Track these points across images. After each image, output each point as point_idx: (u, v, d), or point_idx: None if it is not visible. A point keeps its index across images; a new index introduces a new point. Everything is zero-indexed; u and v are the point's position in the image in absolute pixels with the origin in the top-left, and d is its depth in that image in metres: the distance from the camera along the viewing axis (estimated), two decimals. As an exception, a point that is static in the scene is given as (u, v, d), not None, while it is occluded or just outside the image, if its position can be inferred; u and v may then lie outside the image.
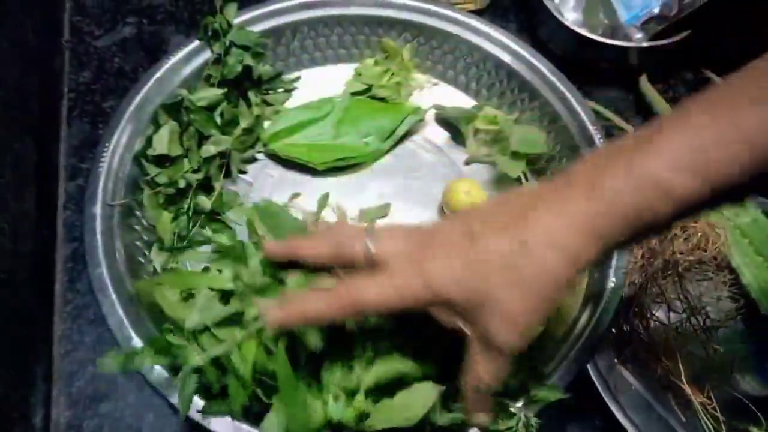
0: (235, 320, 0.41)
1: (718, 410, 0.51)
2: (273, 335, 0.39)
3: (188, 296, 0.43)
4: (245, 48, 0.62)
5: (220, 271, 0.43)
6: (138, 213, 0.57)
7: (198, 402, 0.42)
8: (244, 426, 0.42)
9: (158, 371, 0.44)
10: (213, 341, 0.40)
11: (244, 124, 0.62)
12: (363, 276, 0.37)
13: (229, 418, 0.42)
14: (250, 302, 0.41)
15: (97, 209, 0.53)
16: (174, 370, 0.43)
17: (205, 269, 0.45)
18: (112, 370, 0.41)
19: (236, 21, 0.62)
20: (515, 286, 0.33)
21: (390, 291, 0.35)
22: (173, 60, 0.61)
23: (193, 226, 0.57)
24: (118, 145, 0.56)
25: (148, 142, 0.57)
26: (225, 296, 0.42)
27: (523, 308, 0.33)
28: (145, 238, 0.57)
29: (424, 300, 0.35)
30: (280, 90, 0.68)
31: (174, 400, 0.43)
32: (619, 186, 0.31)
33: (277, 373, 0.39)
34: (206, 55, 0.62)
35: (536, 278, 0.33)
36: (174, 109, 0.58)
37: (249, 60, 0.62)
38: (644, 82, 0.70)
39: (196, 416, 0.42)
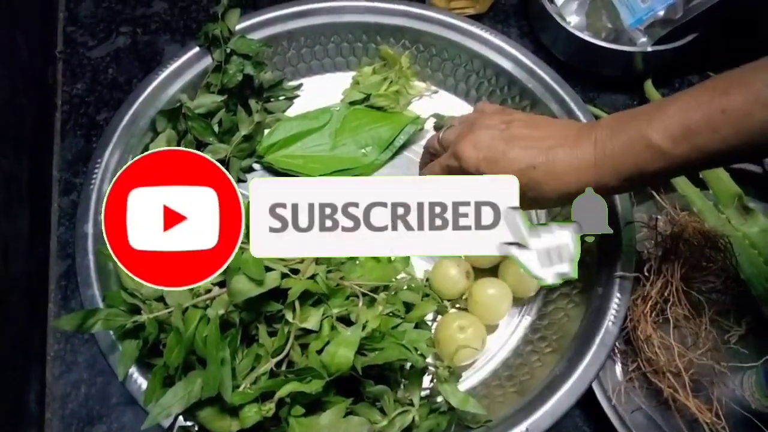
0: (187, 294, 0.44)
1: (727, 429, 0.50)
2: (215, 312, 0.42)
3: None
4: (246, 57, 0.61)
5: None
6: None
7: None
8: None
9: (108, 337, 0.46)
10: (163, 308, 0.44)
11: (243, 131, 0.60)
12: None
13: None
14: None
15: (89, 228, 0.52)
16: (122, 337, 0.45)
17: None
18: (69, 328, 0.42)
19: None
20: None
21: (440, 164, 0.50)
22: (166, 72, 0.60)
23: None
24: (110, 162, 0.55)
25: (145, 150, 0.56)
26: None
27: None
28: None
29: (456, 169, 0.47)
30: (281, 98, 0.67)
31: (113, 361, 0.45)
32: (619, 145, 0.41)
33: (207, 336, 0.41)
34: (200, 66, 0.61)
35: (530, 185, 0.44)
36: (173, 115, 0.57)
37: (249, 69, 0.60)
38: (649, 87, 0.69)
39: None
